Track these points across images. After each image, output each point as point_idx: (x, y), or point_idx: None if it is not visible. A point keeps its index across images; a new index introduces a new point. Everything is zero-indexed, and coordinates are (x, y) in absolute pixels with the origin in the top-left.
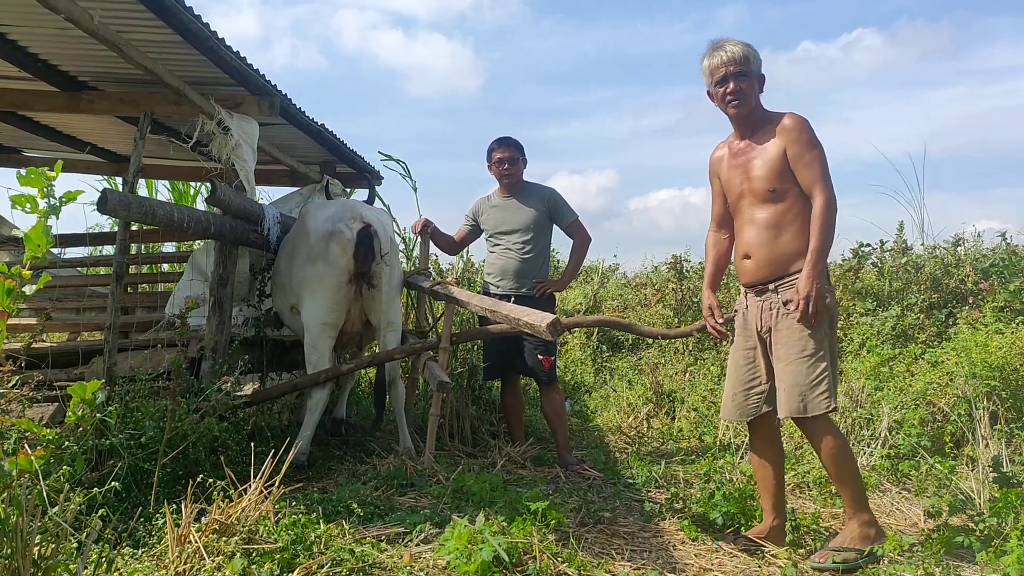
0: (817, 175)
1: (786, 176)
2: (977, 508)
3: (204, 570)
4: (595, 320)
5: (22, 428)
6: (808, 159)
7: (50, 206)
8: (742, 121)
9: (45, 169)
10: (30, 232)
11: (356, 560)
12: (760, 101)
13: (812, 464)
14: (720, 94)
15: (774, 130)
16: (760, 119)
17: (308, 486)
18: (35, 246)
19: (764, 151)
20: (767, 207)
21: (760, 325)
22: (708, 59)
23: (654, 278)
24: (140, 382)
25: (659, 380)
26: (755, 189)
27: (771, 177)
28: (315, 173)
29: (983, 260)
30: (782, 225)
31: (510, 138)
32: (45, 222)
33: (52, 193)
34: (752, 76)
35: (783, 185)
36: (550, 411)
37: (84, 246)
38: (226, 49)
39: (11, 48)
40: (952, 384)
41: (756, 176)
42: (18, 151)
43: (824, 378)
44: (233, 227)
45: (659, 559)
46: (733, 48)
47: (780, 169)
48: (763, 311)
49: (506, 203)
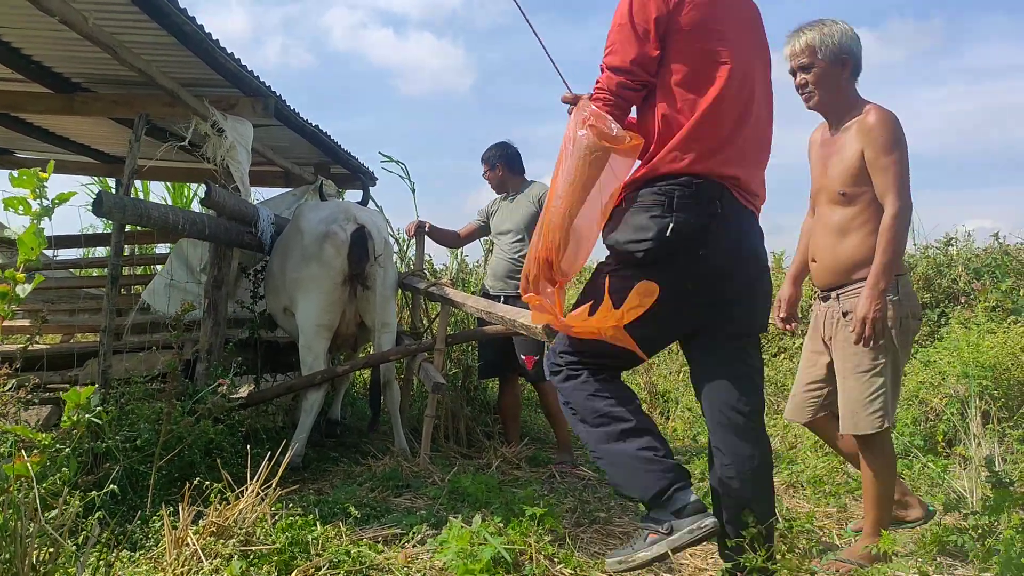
0: (891, 182)
1: (861, 180)
2: (970, 507)
3: (202, 572)
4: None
5: (19, 434)
6: (884, 164)
7: (43, 208)
8: (824, 113)
9: (37, 170)
10: (23, 235)
11: (353, 562)
12: (848, 88)
13: (806, 464)
14: (795, 86)
15: (856, 127)
16: (847, 110)
17: (304, 488)
18: (28, 249)
19: (843, 149)
20: (836, 209)
21: (824, 331)
22: (784, 48)
23: None
24: (135, 384)
25: (653, 380)
26: (828, 188)
27: (844, 179)
28: (309, 174)
29: (975, 260)
30: (848, 231)
31: (487, 150)
32: (38, 224)
33: (44, 194)
34: (820, 66)
35: (855, 189)
36: (545, 410)
37: (78, 247)
38: (220, 51)
39: (5, 50)
40: (944, 383)
41: (831, 175)
42: (11, 152)
43: (878, 396)
44: (228, 229)
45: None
46: (801, 37)
47: (855, 172)
48: (827, 318)
49: (505, 204)
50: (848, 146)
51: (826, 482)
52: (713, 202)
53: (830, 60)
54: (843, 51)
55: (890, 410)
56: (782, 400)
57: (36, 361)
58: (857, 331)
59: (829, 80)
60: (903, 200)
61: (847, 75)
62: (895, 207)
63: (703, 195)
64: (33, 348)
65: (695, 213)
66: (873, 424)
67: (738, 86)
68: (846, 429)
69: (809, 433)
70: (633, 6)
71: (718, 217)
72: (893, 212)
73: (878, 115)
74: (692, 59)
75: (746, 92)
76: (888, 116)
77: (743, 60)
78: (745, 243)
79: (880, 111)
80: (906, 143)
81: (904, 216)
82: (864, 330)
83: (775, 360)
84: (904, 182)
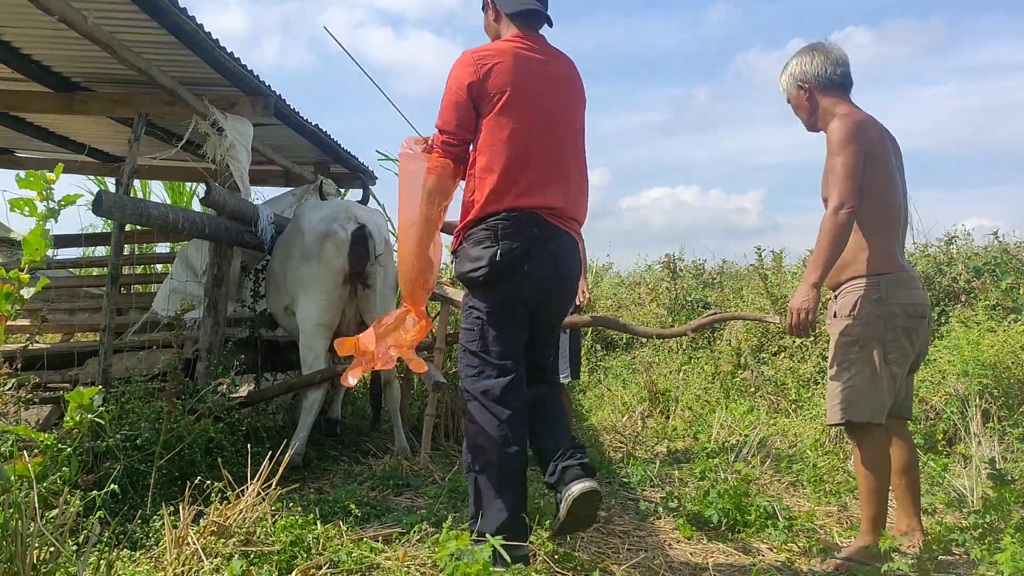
0: (835, 180)
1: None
2: (971, 505)
3: (203, 572)
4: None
5: (20, 434)
6: (830, 165)
7: (49, 209)
8: (818, 132)
9: (44, 172)
10: (28, 236)
11: (354, 561)
12: (820, 105)
13: (806, 463)
14: None
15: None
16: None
17: (305, 487)
18: (33, 250)
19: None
20: None
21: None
22: None
23: (648, 277)
24: (135, 383)
25: (653, 379)
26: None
27: (824, 186)
28: (309, 173)
29: (975, 259)
30: None
31: None
32: (44, 225)
33: (51, 196)
34: (791, 98)
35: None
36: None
37: (79, 247)
38: (220, 50)
39: (4, 49)
40: (945, 382)
41: (822, 184)
42: (11, 152)
43: (840, 389)
44: (228, 228)
45: (655, 558)
46: (781, 76)
47: (825, 179)
48: (828, 318)
49: None
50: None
51: (826, 481)
52: (531, 228)
53: (795, 91)
54: (800, 80)
55: (857, 403)
56: (782, 399)
57: (36, 360)
58: (788, 321)
59: (801, 107)
60: (841, 198)
61: (812, 96)
62: (833, 204)
63: (521, 225)
64: (33, 347)
65: (516, 239)
66: (834, 416)
67: (544, 135)
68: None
69: (809, 432)
70: (452, 75)
71: (536, 240)
72: (829, 209)
73: (833, 123)
74: (502, 117)
75: (552, 139)
76: (840, 123)
77: (548, 112)
78: (560, 257)
79: (838, 120)
80: (860, 147)
81: (840, 213)
82: (792, 318)
83: (775, 359)
84: (846, 181)
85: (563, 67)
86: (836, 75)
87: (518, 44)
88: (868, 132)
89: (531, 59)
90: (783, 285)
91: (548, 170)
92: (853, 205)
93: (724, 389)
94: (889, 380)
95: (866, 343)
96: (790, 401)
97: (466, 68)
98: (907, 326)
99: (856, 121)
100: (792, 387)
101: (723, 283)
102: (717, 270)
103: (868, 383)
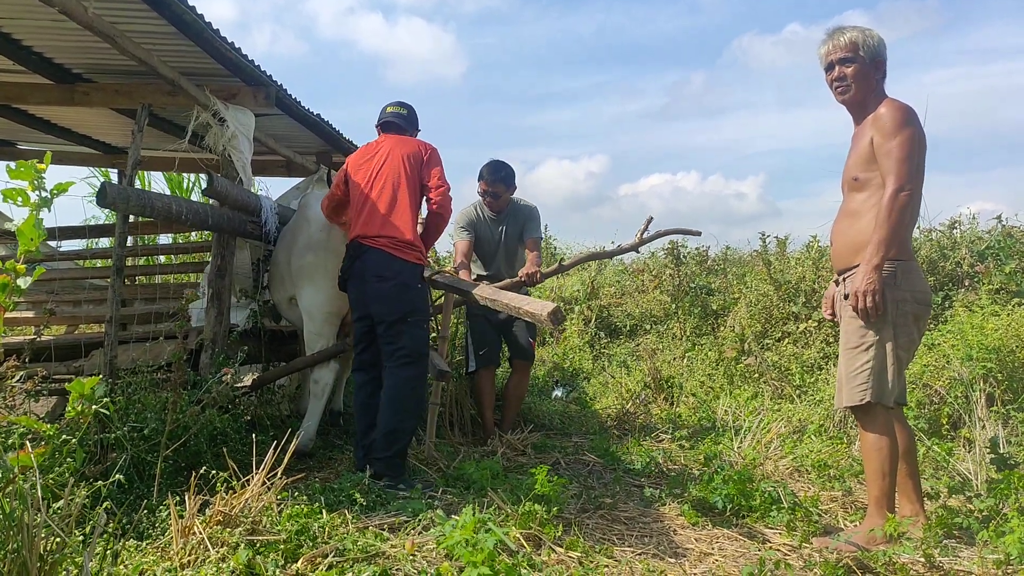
0: (892, 163)
1: (870, 165)
2: (975, 489)
3: (209, 561)
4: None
5: (24, 425)
6: (887, 147)
7: (41, 199)
8: (852, 108)
9: (35, 162)
10: (22, 226)
11: (360, 549)
12: (878, 88)
13: (811, 448)
14: (828, 80)
15: (872, 118)
16: (873, 107)
17: (310, 476)
18: (28, 240)
19: (861, 139)
20: (851, 196)
21: (838, 314)
22: (821, 46)
23: (651, 264)
24: (141, 374)
25: (657, 366)
26: (846, 177)
27: (858, 165)
28: (311, 163)
29: (979, 243)
30: (858, 215)
31: (501, 171)
32: (37, 215)
33: (43, 185)
34: (861, 62)
35: (866, 174)
36: (521, 392)
37: (83, 238)
38: (221, 40)
39: (5, 41)
40: (949, 366)
41: (848, 164)
42: (13, 144)
43: (863, 370)
44: (231, 218)
45: (660, 544)
46: (843, 35)
47: (866, 157)
48: (837, 300)
49: (494, 221)
50: (863, 135)
51: (831, 466)
52: (354, 249)
53: (869, 59)
54: (879, 54)
55: (876, 386)
56: (786, 384)
57: (42, 352)
58: (852, 304)
59: (866, 77)
60: (903, 179)
61: (879, 76)
62: (893, 186)
63: (351, 248)
64: (40, 340)
65: (348, 257)
66: (855, 396)
67: (372, 190)
68: (836, 403)
69: (813, 418)
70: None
71: (355, 257)
72: (891, 190)
73: (888, 105)
74: (354, 183)
75: (376, 191)
76: (897, 106)
77: (383, 176)
78: (368, 266)
79: (891, 102)
80: (916, 132)
81: (901, 195)
82: (857, 303)
83: (779, 345)
84: (907, 163)
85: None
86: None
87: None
88: (917, 119)
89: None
90: (787, 271)
91: (372, 212)
92: (912, 187)
93: (728, 375)
94: (898, 364)
95: (882, 326)
96: (794, 387)
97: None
98: (917, 313)
99: (909, 106)
100: (796, 373)
101: (726, 269)
102: (721, 257)
103: (890, 366)
